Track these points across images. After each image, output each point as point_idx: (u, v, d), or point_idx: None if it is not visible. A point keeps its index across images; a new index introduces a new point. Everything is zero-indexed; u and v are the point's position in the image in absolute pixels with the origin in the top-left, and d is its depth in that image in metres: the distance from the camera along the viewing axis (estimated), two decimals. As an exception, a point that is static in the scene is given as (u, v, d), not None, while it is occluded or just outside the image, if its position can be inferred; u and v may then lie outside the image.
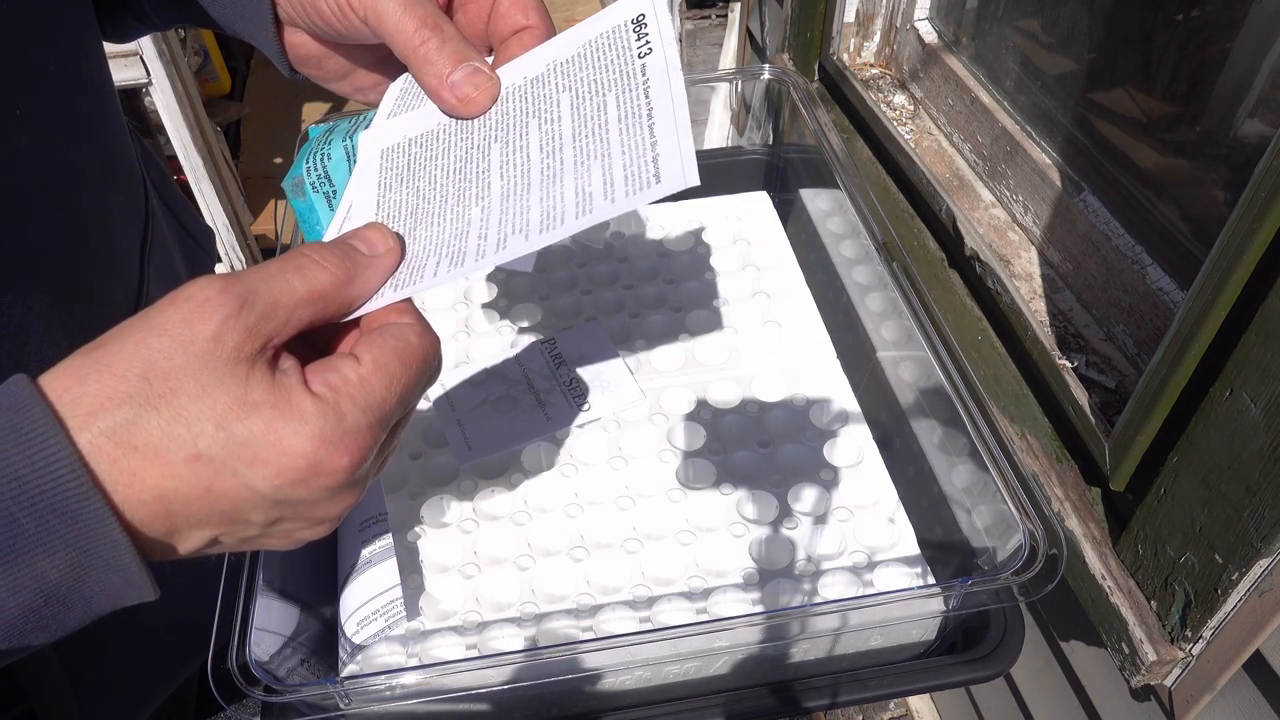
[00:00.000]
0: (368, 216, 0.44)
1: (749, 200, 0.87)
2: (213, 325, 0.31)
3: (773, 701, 0.56)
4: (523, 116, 0.44)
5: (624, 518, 0.63)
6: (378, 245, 0.38)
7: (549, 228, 0.40)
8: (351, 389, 0.33)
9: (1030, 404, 0.79)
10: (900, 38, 1.12)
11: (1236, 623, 0.61)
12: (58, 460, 0.28)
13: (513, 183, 0.43)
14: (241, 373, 0.31)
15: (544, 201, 0.41)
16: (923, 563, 0.60)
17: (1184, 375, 0.60)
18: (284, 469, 0.32)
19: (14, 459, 0.28)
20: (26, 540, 0.28)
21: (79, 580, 0.30)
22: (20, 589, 0.29)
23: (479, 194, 0.43)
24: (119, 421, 0.30)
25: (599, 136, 0.41)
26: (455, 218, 0.43)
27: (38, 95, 0.42)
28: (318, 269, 0.35)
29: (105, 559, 0.30)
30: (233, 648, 0.46)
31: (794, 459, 0.66)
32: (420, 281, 0.40)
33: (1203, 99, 0.73)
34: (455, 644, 0.57)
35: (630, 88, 0.42)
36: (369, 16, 0.41)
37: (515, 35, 0.43)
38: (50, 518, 0.29)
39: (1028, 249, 0.89)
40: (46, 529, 0.28)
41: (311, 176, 0.49)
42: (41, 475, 0.28)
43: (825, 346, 0.74)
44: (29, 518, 0.28)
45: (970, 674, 0.56)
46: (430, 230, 0.43)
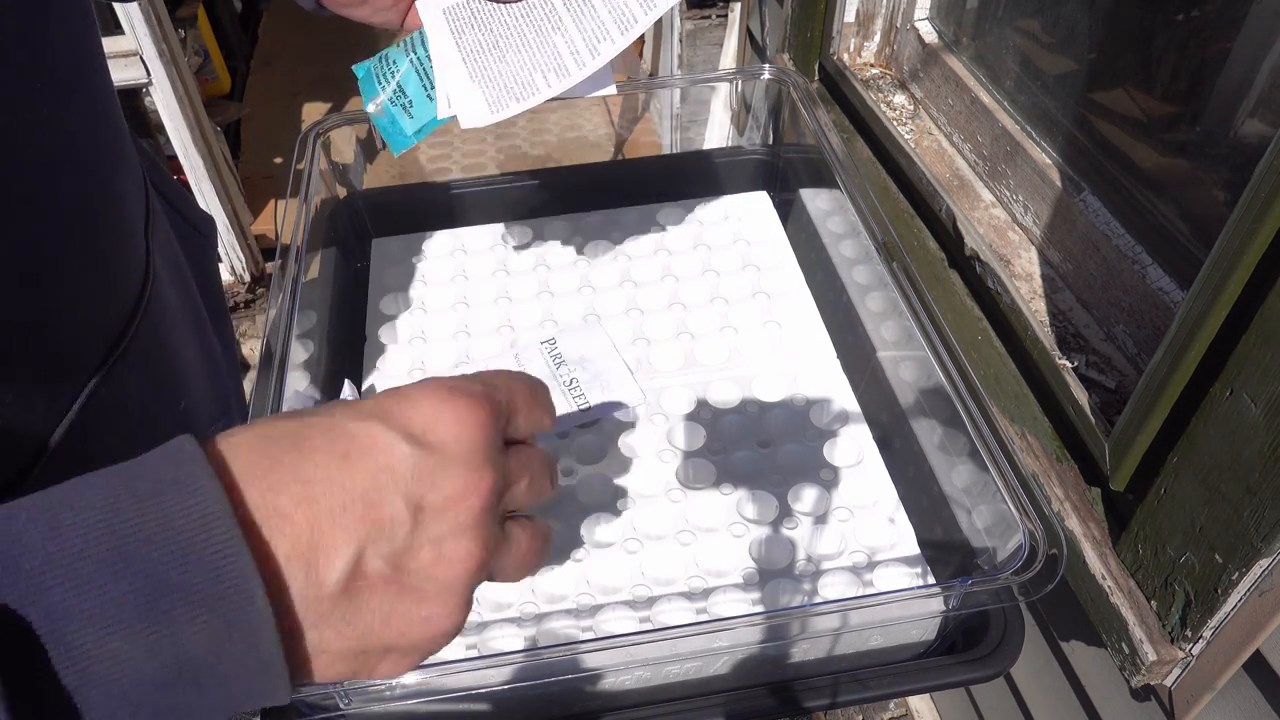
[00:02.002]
0: (454, 62, 0.53)
1: (749, 200, 0.87)
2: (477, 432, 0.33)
3: (773, 701, 0.56)
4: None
5: (624, 518, 0.63)
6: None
7: (627, 28, 0.51)
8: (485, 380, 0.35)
9: (1030, 404, 0.79)
10: (900, 38, 1.12)
11: (1236, 623, 0.61)
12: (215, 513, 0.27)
13: (577, 6, 0.53)
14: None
15: (611, 11, 0.51)
16: (923, 563, 0.60)
17: (1184, 375, 0.60)
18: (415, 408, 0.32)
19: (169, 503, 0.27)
20: (170, 592, 0.26)
21: (217, 654, 0.27)
22: (158, 652, 0.26)
23: (554, 23, 0.53)
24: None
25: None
26: (541, 43, 0.53)
27: (55, 69, 0.43)
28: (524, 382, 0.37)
29: (247, 630, 0.27)
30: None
31: (794, 459, 0.66)
32: (535, 94, 0.52)
33: (1203, 99, 0.73)
34: (455, 644, 0.57)
35: None
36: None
37: None
38: (196, 568, 0.26)
39: (1028, 249, 0.89)
40: (189, 581, 0.26)
41: (387, 93, 0.56)
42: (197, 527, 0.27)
43: (825, 346, 0.74)
44: (178, 569, 0.26)
45: (970, 674, 0.56)
46: (521, 55, 0.53)
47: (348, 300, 0.79)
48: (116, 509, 0.26)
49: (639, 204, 0.87)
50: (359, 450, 0.30)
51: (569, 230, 0.85)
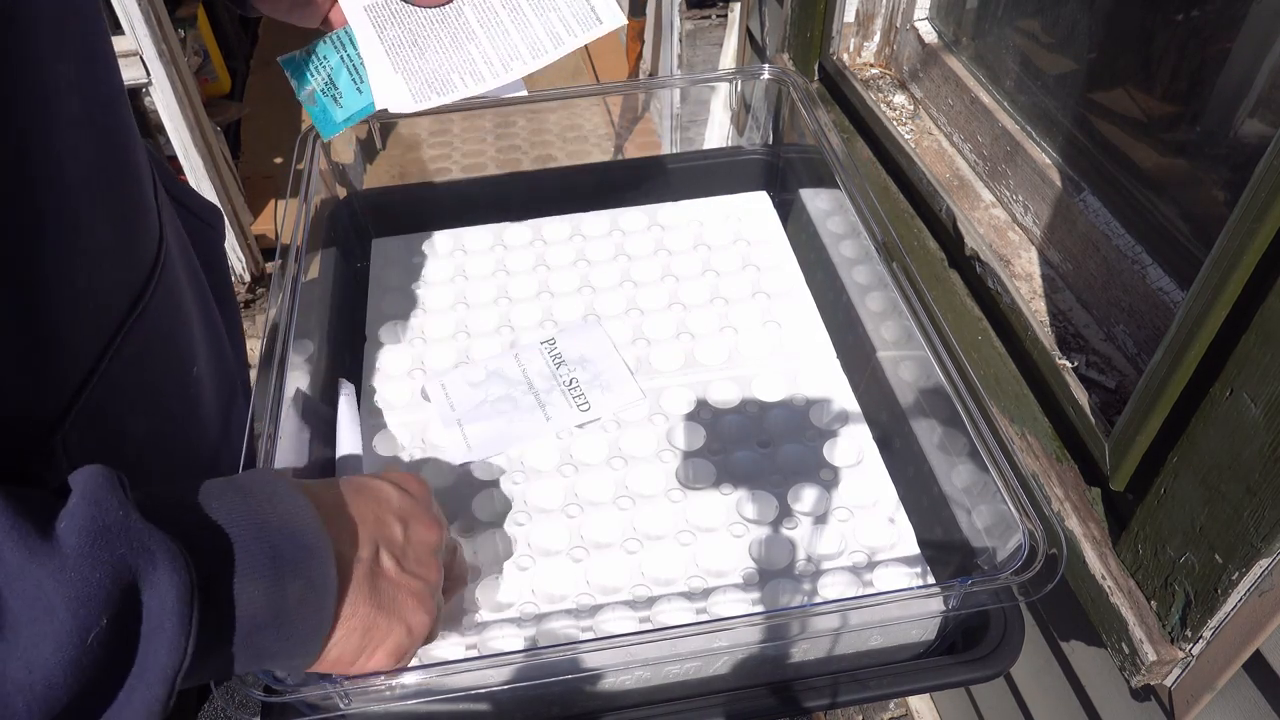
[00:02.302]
0: (379, 54, 0.61)
1: (749, 200, 0.87)
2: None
3: (773, 701, 0.56)
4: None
5: (624, 518, 0.63)
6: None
7: (538, 55, 0.59)
8: None
9: (1030, 404, 0.79)
10: (900, 38, 1.12)
11: (1236, 623, 0.61)
12: (306, 511, 0.41)
13: (490, 26, 0.61)
14: None
15: (524, 37, 0.60)
16: (923, 562, 0.60)
17: (1184, 375, 0.60)
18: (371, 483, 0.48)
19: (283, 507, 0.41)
20: (287, 563, 0.39)
21: (300, 610, 0.40)
22: (273, 601, 0.38)
23: (467, 33, 0.61)
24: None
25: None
26: (456, 49, 0.61)
27: (84, 36, 0.45)
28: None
29: (320, 597, 0.41)
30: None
31: (794, 459, 0.66)
32: (454, 92, 0.61)
33: (1203, 99, 0.73)
34: (455, 644, 0.57)
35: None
36: None
37: None
38: (300, 548, 0.40)
39: (1028, 249, 0.89)
40: (298, 558, 0.39)
41: (319, 84, 0.63)
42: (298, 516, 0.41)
43: (825, 346, 0.74)
44: (290, 546, 0.39)
45: (970, 674, 0.56)
46: (439, 56, 0.61)
47: (348, 300, 0.79)
48: (251, 505, 0.40)
49: (639, 204, 0.87)
50: (368, 490, 0.47)
51: (569, 230, 0.85)
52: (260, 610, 0.38)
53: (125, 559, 0.34)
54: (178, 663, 0.34)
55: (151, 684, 0.34)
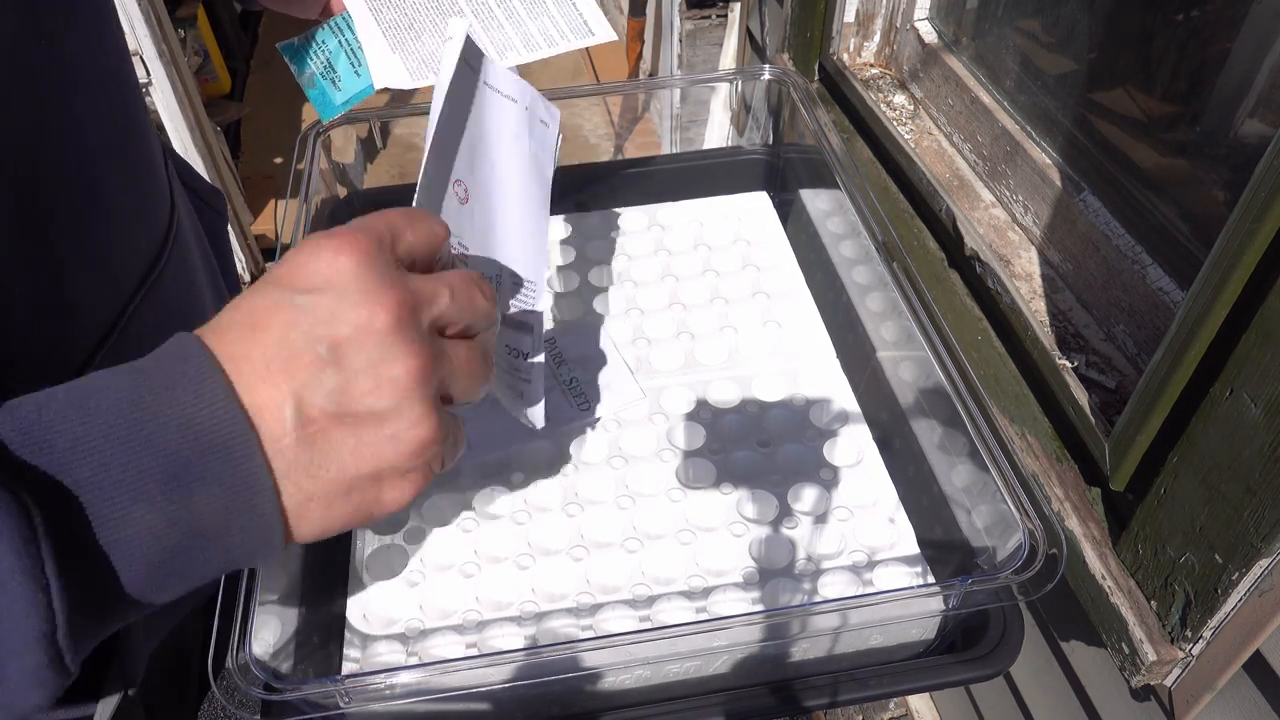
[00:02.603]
0: (375, 35, 0.61)
1: (749, 200, 0.87)
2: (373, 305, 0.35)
3: (772, 701, 0.56)
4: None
5: (624, 517, 0.63)
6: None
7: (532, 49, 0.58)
8: (374, 218, 0.36)
9: (1030, 404, 0.79)
10: (900, 38, 1.12)
11: (1236, 623, 0.61)
12: (222, 402, 0.31)
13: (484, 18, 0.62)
14: None
15: (517, 31, 0.59)
16: (922, 562, 0.60)
17: (1184, 375, 0.60)
18: (295, 265, 0.34)
19: (184, 400, 0.31)
20: (186, 468, 0.31)
21: (226, 522, 0.32)
22: (178, 522, 0.31)
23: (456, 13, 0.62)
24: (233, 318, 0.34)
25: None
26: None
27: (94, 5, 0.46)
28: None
29: (250, 502, 0.32)
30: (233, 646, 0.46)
31: (794, 459, 0.66)
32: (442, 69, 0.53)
33: (1203, 99, 0.73)
34: (455, 643, 0.57)
35: None
36: None
37: None
38: (210, 452, 0.31)
39: (1028, 249, 0.89)
40: (206, 464, 0.31)
41: (318, 68, 0.64)
42: (206, 414, 0.31)
43: (825, 346, 0.74)
44: (191, 451, 0.31)
45: (970, 673, 0.56)
46: (434, 38, 0.62)
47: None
48: (137, 398, 0.31)
49: (639, 204, 0.87)
50: (262, 318, 0.33)
51: (569, 230, 0.85)
52: (164, 536, 0.31)
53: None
54: (43, 624, 0.29)
55: (18, 652, 0.29)
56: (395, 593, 0.59)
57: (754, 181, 0.89)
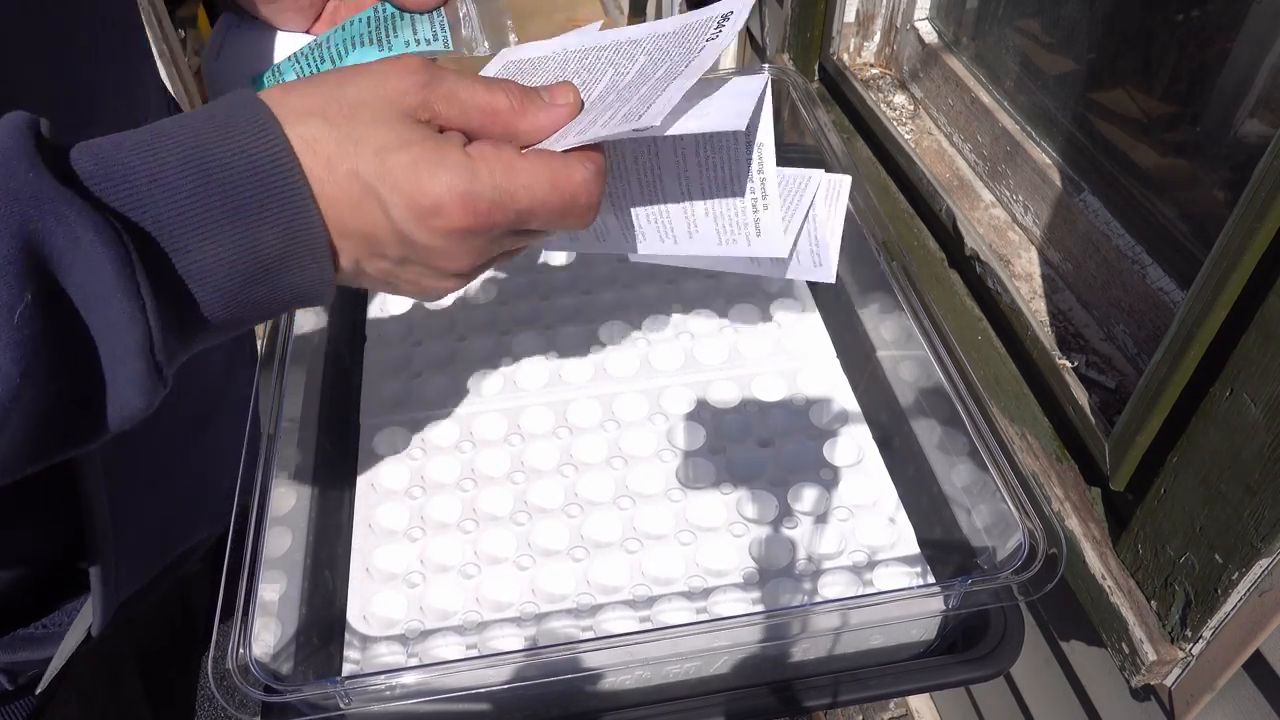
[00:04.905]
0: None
1: (749, 200, 0.87)
2: (404, 82, 0.37)
3: (773, 701, 0.56)
4: (604, 64, 0.48)
5: (624, 517, 0.63)
6: (558, 97, 0.42)
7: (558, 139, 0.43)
8: (497, 164, 0.37)
9: (1030, 404, 0.79)
10: (900, 38, 1.12)
11: (1236, 623, 0.61)
12: (280, 149, 0.34)
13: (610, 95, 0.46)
14: (409, 122, 0.37)
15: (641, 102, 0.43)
16: (923, 562, 0.60)
17: (1184, 375, 0.60)
18: (411, 201, 0.36)
19: (247, 145, 0.34)
20: (250, 210, 0.33)
21: (285, 257, 0.35)
22: (243, 252, 0.34)
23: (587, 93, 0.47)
24: (310, 131, 0.35)
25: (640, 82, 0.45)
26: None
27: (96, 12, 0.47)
28: (501, 92, 0.39)
29: (306, 242, 0.35)
30: (233, 647, 0.46)
31: (794, 459, 0.66)
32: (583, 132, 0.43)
33: (1203, 99, 0.73)
34: (455, 644, 0.57)
35: (684, 55, 0.46)
36: None
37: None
38: (270, 195, 0.34)
39: (1028, 249, 0.89)
40: (266, 204, 0.34)
41: None
42: (267, 158, 0.34)
43: (825, 346, 0.74)
44: (253, 191, 0.33)
45: (970, 673, 0.56)
46: None
47: (347, 300, 0.79)
48: (200, 142, 0.33)
49: (639, 204, 0.86)
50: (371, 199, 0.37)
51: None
52: (233, 267, 0.34)
53: (39, 231, 0.30)
54: (141, 337, 0.32)
55: (124, 360, 0.32)
56: (395, 594, 0.59)
57: (754, 181, 0.89)
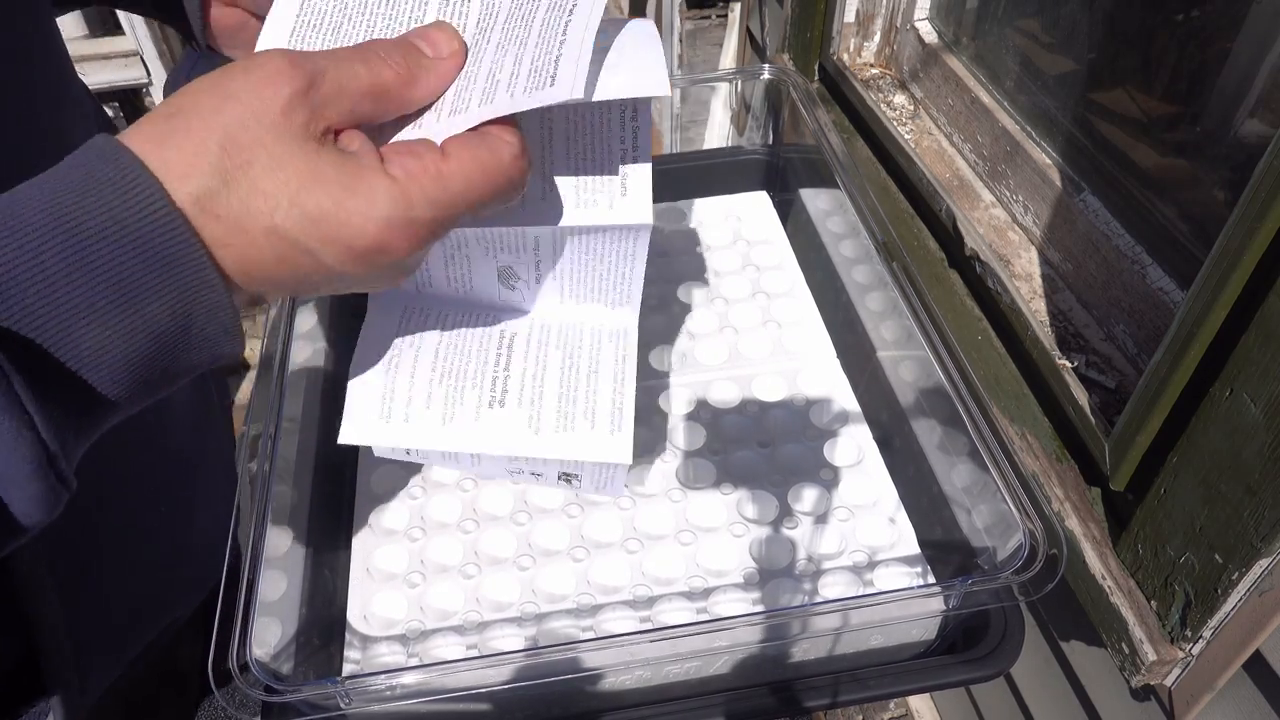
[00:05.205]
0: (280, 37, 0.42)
1: (749, 200, 0.87)
2: (283, 98, 0.32)
3: (773, 701, 0.56)
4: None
5: (624, 518, 0.63)
6: (442, 47, 0.38)
7: (457, 111, 0.39)
8: (427, 180, 0.34)
9: (1030, 404, 0.79)
10: (900, 38, 1.12)
11: (1236, 623, 0.61)
12: (161, 209, 0.30)
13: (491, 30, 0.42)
14: (311, 149, 0.32)
15: (461, 78, 0.40)
16: (923, 562, 0.60)
17: (1184, 375, 0.60)
18: (350, 248, 0.33)
19: (117, 207, 0.29)
20: (135, 286, 0.30)
21: (184, 327, 0.31)
22: (135, 334, 0.30)
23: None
24: (202, 190, 0.31)
25: (525, 24, 0.41)
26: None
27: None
28: (383, 64, 0.36)
29: (206, 304, 0.31)
30: (233, 647, 0.46)
31: (794, 459, 0.66)
32: None
33: (1203, 99, 0.73)
34: (455, 644, 0.57)
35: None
36: None
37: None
38: (156, 264, 0.30)
39: (1028, 249, 0.89)
40: (153, 274, 0.30)
41: None
42: (147, 224, 0.29)
43: (825, 346, 0.74)
44: (137, 264, 0.29)
45: (970, 674, 0.56)
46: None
47: (347, 300, 0.79)
48: (65, 211, 0.29)
49: (639, 204, 0.86)
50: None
51: (569, 230, 0.85)
52: (126, 347, 0.30)
53: None
54: (34, 455, 0.28)
55: (20, 484, 0.28)
56: (395, 594, 0.59)
57: (754, 181, 0.89)
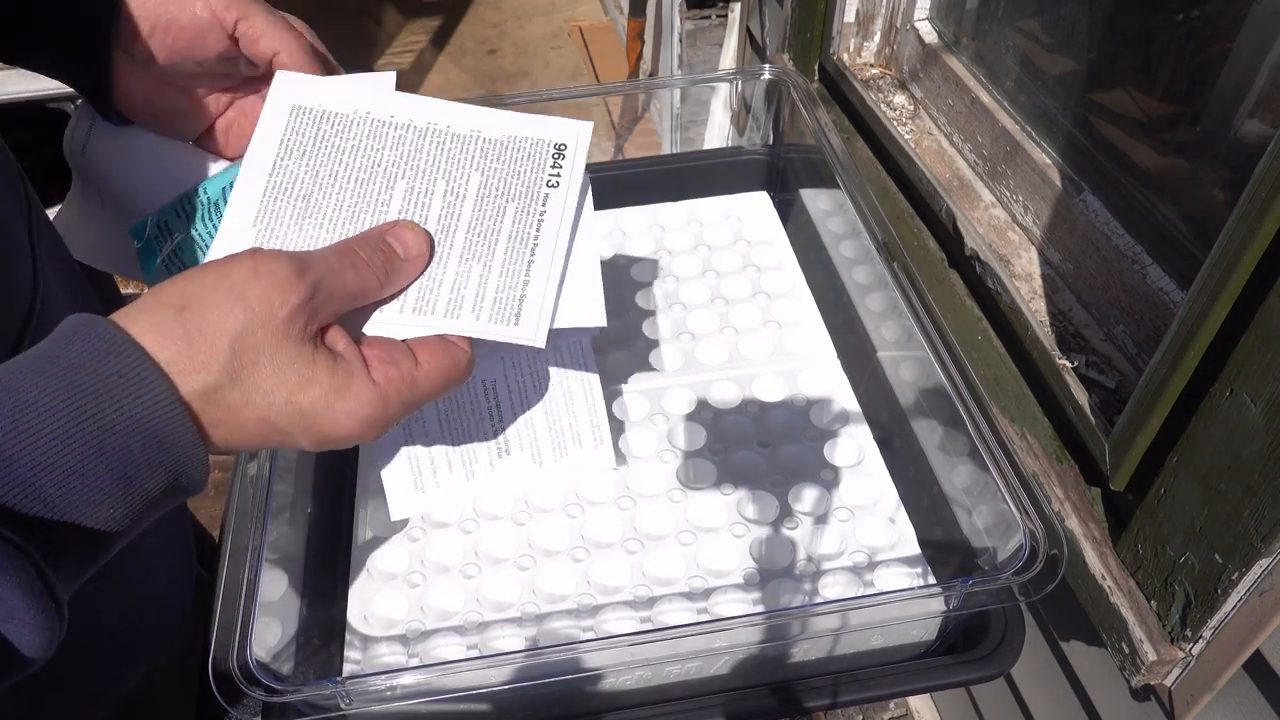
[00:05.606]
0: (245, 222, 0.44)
1: (749, 200, 0.87)
2: (290, 307, 0.37)
3: (773, 701, 0.56)
4: (434, 169, 0.46)
5: (624, 518, 0.63)
6: (411, 248, 0.43)
7: (420, 311, 0.43)
8: (403, 385, 0.40)
9: (1030, 404, 0.79)
10: (900, 38, 1.12)
11: (1236, 623, 0.61)
12: (168, 405, 0.35)
13: (455, 231, 0.45)
14: (308, 353, 0.38)
15: (425, 279, 0.44)
16: (923, 563, 0.60)
17: (1184, 375, 0.60)
18: (328, 436, 0.39)
19: (128, 403, 0.34)
20: (139, 469, 0.34)
21: (169, 490, 0.36)
22: (133, 504, 0.35)
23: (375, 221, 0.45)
24: (209, 385, 0.36)
25: (488, 243, 0.45)
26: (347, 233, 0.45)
27: None
28: (367, 270, 0.41)
29: (190, 471, 0.36)
30: (233, 647, 0.46)
31: (794, 459, 0.66)
32: None
33: (1203, 99, 0.73)
34: (456, 644, 0.57)
35: (528, 210, 0.45)
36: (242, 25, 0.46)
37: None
38: (156, 447, 0.35)
39: (1028, 249, 0.89)
40: (153, 454, 0.35)
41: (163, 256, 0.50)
42: (154, 417, 0.34)
43: (825, 346, 0.74)
44: (141, 450, 0.34)
45: (970, 674, 0.56)
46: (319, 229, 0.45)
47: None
48: (81, 408, 0.33)
49: (639, 204, 0.87)
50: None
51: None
52: (123, 516, 0.34)
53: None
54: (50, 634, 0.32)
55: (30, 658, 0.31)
56: (396, 594, 0.59)
57: (754, 181, 0.90)
